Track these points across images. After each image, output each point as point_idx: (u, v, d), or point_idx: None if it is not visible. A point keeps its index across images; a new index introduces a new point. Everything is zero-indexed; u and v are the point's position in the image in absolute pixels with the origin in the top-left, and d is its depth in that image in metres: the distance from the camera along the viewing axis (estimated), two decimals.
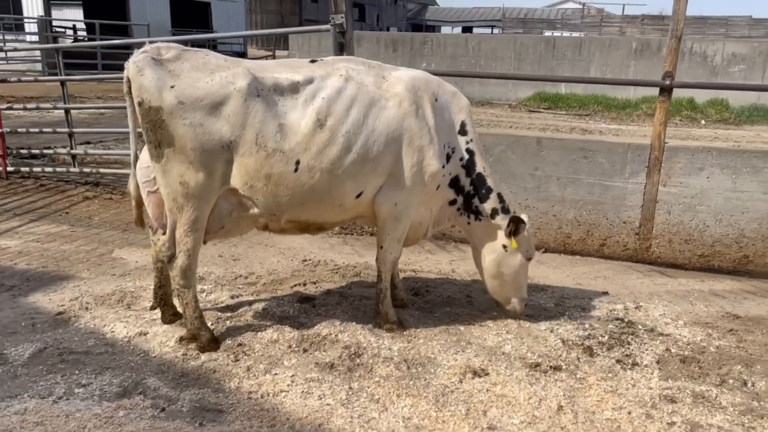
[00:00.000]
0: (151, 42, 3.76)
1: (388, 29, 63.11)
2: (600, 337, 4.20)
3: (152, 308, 4.31)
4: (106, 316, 4.33)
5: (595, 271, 5.59)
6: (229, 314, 4.38)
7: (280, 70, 3.75)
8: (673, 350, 4.07)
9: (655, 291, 5.16)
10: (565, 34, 41.70)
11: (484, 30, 62.37)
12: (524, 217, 4.15)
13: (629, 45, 19.71)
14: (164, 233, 4.09)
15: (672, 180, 5.59)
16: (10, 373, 3.60)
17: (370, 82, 3.84)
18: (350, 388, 3.51)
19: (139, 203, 3.93)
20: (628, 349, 4.06)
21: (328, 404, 3.36)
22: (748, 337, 4.30)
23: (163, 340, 4.01)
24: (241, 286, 4.92)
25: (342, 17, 6.20)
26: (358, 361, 3.80)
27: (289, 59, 4.12)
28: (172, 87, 3.46)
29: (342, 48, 6.33)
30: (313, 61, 3.91)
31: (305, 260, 5.57)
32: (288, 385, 3.51)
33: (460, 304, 4.71)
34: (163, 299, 4.24)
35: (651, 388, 3.60)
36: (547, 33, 42.28)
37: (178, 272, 3.78)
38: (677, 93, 17.16)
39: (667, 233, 5.69)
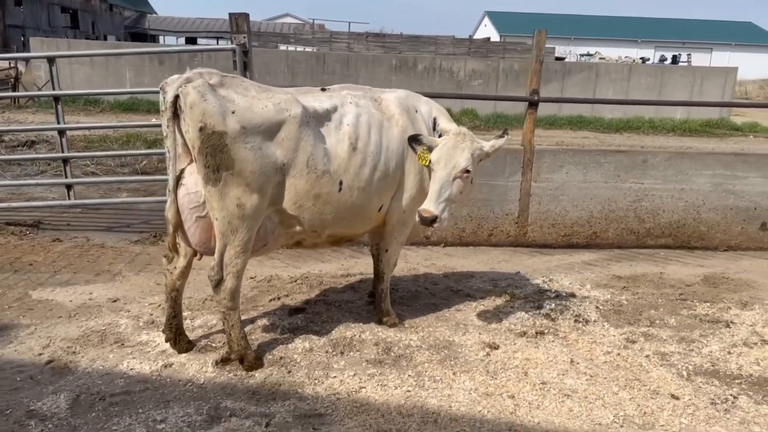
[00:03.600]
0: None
1: (105, 38, 58.71)
2: (547, 306, 5.19)
3: (167, 340, 4.12)
4: (106, 356, 4.03)
5: (494, 257, 6.64)
6: None
7: (308, 98, 3.98)
8: (601, 307, 5.23)
9: (548, 266, 6.38)
10: (299, 48, 43.43)
11: (210, 41, 61.65)
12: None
13: (390, 62, 21.88)
14: (186, 261, 4.04)
15: (540, 177, 6.90)
16: (65, 426, 3.28)
17: (371, 106, 4.21)
18: (410, 375, 3.93)
19: (176, 228, 3.79)
20: (573, 311, 5.11)
21: (407, 390, 3.76)
22: (638, 290, 5.69)
23: (199, 367, 3.93)
24: (217, 308, 4.85)
25: (244, 37, 6.33)
26: (394, 353, 4.21)
27: (304, 88, 4.22)
28: (233, 112, 3.54)
29: (246, 67, 6.43)
30: (323, 90, 4.20)
31: (253, 277, 5.61)
32: (359, 383, 3.80)
33: (426, 296, 5.32)
34: (178, 329, 4.12)
35: (614, 336, 4.67)
36: (282, 47, 43.49)
37: (228, 294, 3.79)
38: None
39: (539, 220, 6.99)
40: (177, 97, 3.47)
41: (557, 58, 43.37)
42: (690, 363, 4.26)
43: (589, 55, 50.34)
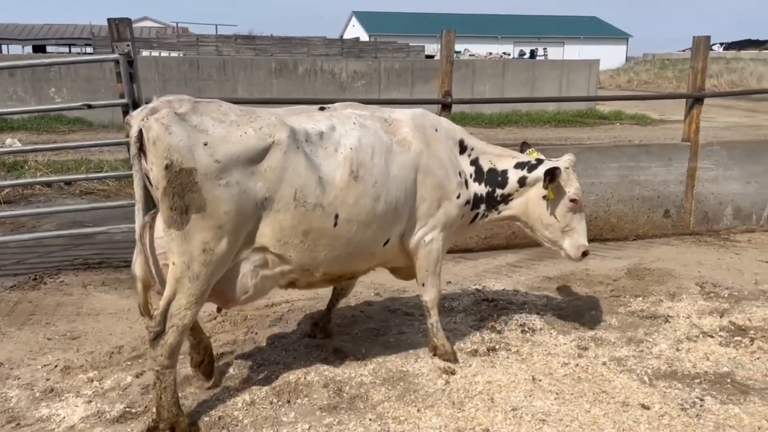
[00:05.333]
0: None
1: None
2: (490, 318, 4.95)
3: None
4: None
5: None
6: None
7: (301, 119, 3.54)
8: (542, 313, 5.08)
9: (477, 272, 6.18)
10: (164, 53, 41.20)
11: (62, 49, 57.32)
12: (562, 163, 4.18)
13: (269, 65, 21.13)
14: None
15: None
16: None
17: (378, 128, 3.79)
18: (371, 419, 3.52)
19: (147, 287, 3.23)
20: (516, 320, 4.90)
21: None
22: (573, 291, 5.62)
23: None
24: (129, 363, 4.16)
25: (128, 45, 5.58)
26: (347, 394, 3.78)
27: (298, 107, 3.81)
28: (205, 144, 3.08)
29: (132, 78, 5.67)
30: (321, 108, 3.79)
31: None
32: None
33: (363, 320, 4.91)
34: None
35: (565, 344, 4.51)
36: (145, 52, 41.17)
37: (167, 351, 3.21)
38: None
39: None
40: (141, 131, 3.02)
41: (427, 56, 44.33)
42: (648, 366, 4.18)
43: (457, 52, 51.93)
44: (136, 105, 5.60)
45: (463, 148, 4.18)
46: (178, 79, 19.98)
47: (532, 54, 57.68)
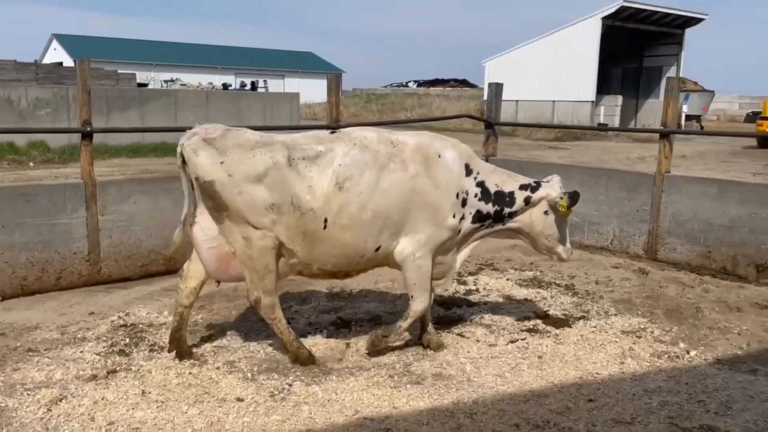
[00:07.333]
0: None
1: None
2: (121, 342, 5.03)
3: (170, 350, 4.70)
4: None
5: (64, 302, 6.07)
6: None
7: (308, 141, 4.40)
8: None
9: (126, 300, 6.17)
10: None
11: None
12: (556, 182, 4.84)
13: None
14: (196, 283, 4.72)
15: (108, 209, 6.65)
16: None
17: (380, 149, 4.45)
18: None
19: (178, 252, 4.87)
20: (148, 341, 5.08)
21: None
22: (213, 307, 5.96)
23: None
24: None
25: None
26: None
27: (314, 132, 4.62)
28: (221, 163, 4.13)
29: None
30: (332, 132, 4.59)
31: None
32: None
33: None
34: (179, 342, 4.69)
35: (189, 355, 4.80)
36: None
37: (267, 309, 4.46)
38: None
39: (113, 254, 6.73)
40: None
41: (140, 84, 42.47)
42: (255, 364, 4.66)
43: (171, 81, 50.68)
44: None
45: (468, 171, 4.72)
46: None
47: (253, 86, 58.72)
